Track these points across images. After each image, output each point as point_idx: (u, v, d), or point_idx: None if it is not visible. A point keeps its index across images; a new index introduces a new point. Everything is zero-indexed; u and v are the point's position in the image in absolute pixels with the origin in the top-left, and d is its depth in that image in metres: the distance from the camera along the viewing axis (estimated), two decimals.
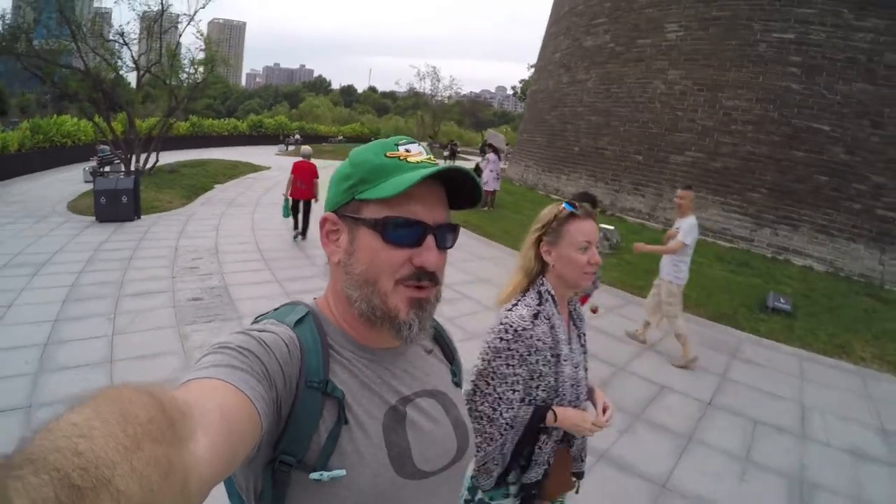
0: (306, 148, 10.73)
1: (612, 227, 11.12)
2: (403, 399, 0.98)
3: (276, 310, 1.00)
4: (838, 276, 11.21)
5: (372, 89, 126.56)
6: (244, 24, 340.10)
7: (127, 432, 0.44)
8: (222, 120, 41.88)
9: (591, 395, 2.01)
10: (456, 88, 48.00)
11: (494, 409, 1.73)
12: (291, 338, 0.88)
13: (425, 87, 44.04)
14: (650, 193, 13.99)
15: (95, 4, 19.96)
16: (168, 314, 6.15)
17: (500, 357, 1.72)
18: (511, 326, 1.73)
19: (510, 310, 1.80)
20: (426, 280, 0.93)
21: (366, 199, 0.91)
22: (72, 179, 16.68)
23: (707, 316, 7.86)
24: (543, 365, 1.76)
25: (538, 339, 1.74)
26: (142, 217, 11.59)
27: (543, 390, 1.78)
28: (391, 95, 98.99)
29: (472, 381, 1.78)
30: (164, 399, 0.53)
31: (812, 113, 11.92)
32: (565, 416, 1.77)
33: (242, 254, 9.12)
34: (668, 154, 13.86)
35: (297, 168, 10.13)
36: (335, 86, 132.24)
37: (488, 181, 14.01)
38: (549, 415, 1.76)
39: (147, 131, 18.53)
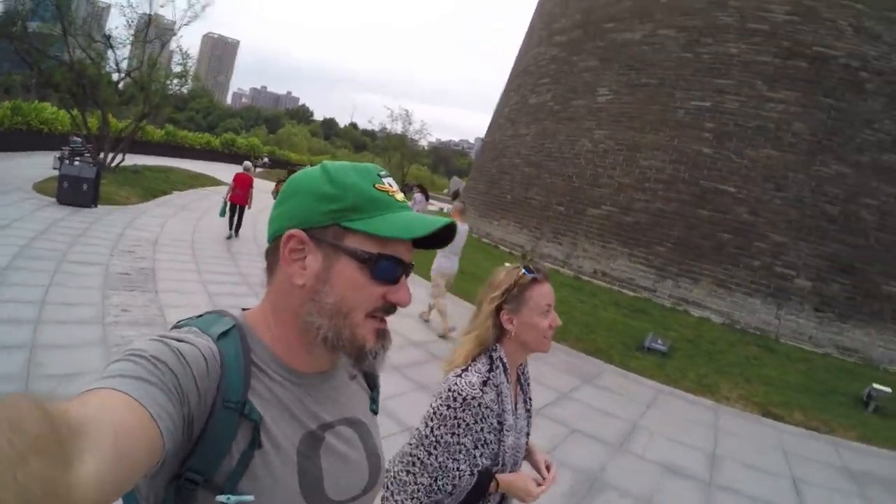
0: (247, 163, 13.56)
1: None
2: (323, 426, 0.98)
3: (199, 317, 0.96)
4: (734, 328, 11.81)
5: (353, 125, 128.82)
6: (238, 42, 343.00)
7: (13, 444, 0.44)
8: (197, 133, 43.17)
9: (528, 455, 2.01)
10: (426, 133, 49.71)
11: (435, 481, 1.70)
12: (212, 351, 0.86)
13: (397, 128, 45.54)
14: (567, 242, 15.04)
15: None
16: (98, 280, 7.26)
17: (445, 425, 1.70)
18: (460, 395, 1.70)
19: (459, 375, 1.77)
20: (392, 312, 0.97)
21: (355, 229, 0.91)
22: (42, 164, 17.51)
23: (582, 350, 8.35)
24: (489, 433, 1.75)
25: (486, 407, 1.72)
26: (99, 206, 12.65)
27: (487, 458, 1.76)
28: (371, 134, 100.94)
29: (411, 449, 1.76)
30: (55, 414, 0.52)
31: (720, 175, 12.85)
32: (509, 483, 1.77)
33: (176, 246, 10.25)
34: (587, 207, 14.97)
35: (238, 178, 12.28)
36: (318, 117, 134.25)
37: None
38: (493, 484, 1.74)
39: (119, 131, 19.71)
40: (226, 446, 0.83)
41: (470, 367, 1.79)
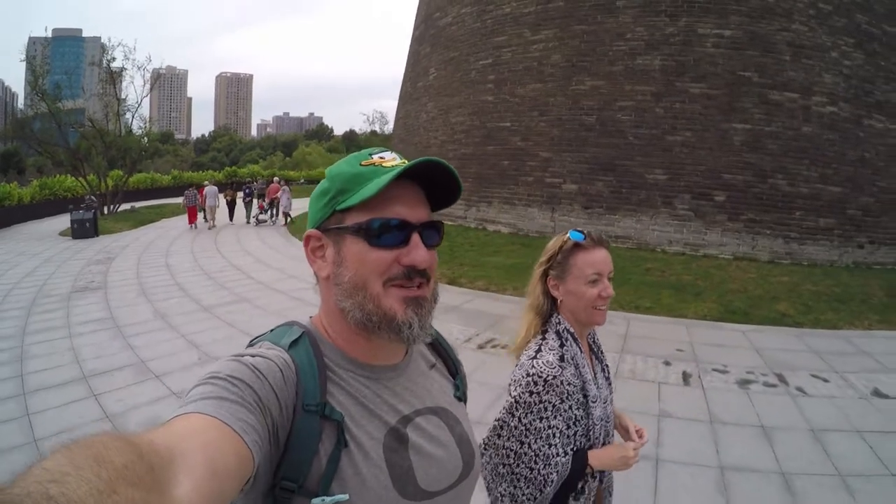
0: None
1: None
2: (404, 418, 1.00)
3: (271, 331, 1.03)
4: (518, 235, 14.41)
5: (374, 132, 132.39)
6: (251, 76, 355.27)
7: (100, 476, 0.46)
8: (201, 172, 52.37)
9: (616, 422, 1.99)
10: None
11: (532, 469, 1.66)
12: (286, 361, 0.91)
13: (375, 130, 51.14)
14: None
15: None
16: (82, 263, 14.33)
17: (531, 412, 1.66)
18: (540, 377, 1.67)
19: (534, 357, 1.74)
20: (417, 277, 0.96)
21: (346, 207, 0.95)
22: (66, 220, 24.32)
23: None
24: (577, 409, 1.73)
25: (568, 384, 1.70)
26: (99, 236, 19.95)
27: (582, 435, 1.75)
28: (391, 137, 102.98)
29: (503, 441, 1.74)
30: (140, 445, 0.55)
31: (499, 114, 15.51)
32: (603, 459, 1.74)
33: (135, 245, 17.25)
34: None
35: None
36: (339, 132, 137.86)
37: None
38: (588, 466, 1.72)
39: (114, 185, 27.77)
40: (312, 449, 0.88)
41: (542, 346, 1.77)
